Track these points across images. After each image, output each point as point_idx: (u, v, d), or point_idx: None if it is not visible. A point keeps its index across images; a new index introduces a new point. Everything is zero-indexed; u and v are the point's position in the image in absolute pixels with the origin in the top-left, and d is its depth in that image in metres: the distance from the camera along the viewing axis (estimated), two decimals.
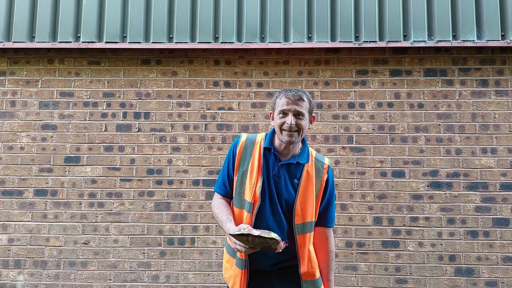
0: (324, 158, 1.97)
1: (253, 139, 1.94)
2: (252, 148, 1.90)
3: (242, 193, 1.86)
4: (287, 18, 3.62)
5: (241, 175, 1.88)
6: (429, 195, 3.52)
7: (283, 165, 1.86)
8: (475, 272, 3.43)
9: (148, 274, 3.53)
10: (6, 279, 3.54)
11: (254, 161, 1.87)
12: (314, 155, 1.94)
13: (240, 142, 1.93)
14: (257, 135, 1.96)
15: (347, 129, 3.62)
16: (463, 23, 3.54)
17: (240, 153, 1.90)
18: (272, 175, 1.85)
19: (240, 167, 1.89)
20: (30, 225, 3.59)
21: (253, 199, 1.82)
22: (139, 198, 3.61)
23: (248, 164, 1.88)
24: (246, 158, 1.89)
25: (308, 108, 1.85)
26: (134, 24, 3.63)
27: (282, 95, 1.85)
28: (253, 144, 1.91)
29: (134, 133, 3.68)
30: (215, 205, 1.94)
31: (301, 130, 1.82)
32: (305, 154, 1.90)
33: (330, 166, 1.95)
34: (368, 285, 3.45)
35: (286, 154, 1.88)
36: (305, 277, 1.84)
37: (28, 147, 3.67)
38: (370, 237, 3.50)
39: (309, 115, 1.87)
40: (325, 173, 1.91)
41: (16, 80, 3.76)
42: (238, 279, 1.84)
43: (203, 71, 3.75)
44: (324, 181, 1.90)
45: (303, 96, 1.84)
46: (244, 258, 1.82)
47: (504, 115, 3.58)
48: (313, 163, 1.90)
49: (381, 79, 3.68)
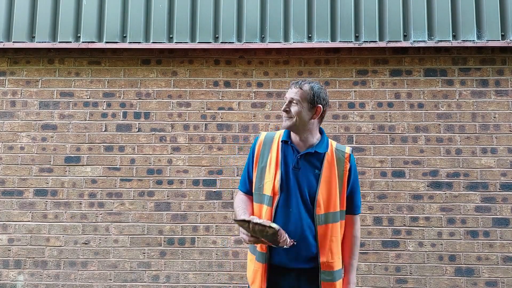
0: (345, 147, 1.98)
1: (272, 135, 2.00)
2: (271, 144, 1.95)
3: (262, 188, 1.89)
4: (287, 18, 3.62)
5: (260, 170, 1.93)
6: (429, 195, 3.52)
7: (302, 156, 1.88)
8: (475, 272, 3.43)
9: (148, 274, 3.54)
10: (6, 279, 3.54)
11: (272, 155, 1.91)
12: (334, 146, 1.96)
13: (259, 140, 1.99)
14: (277, 132, 2.02)
15: (347, 129, 3.62)
16: (463, 23, 3.55)
17: (259, 150, 1.96)
18: (291, 167, 1.87)
19: (259, 163, 1.94)
20: (30, 225, 3.59)
21: (273, 192, 1.85)
22: (139, 198, 3.61)
23: (266, 159, 1.92)
24: (264, 154, 1.94)
25: (307, 96, 1.87)
26: (134, 24, 3.63)
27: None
28: (272, 140, 1.97)
29: (134, 133, 3.69)
30: (236, 201, 1.99)
31: (296, 116, 1.85)
32: (324, 144, 1.92)
33: (351, 154, 1.96)
34: (368, 285, 3.45)
35: (304, 145, 1.91)
36: (324, 267, 1.82)
37: (28, 147, 3.67)
38: (370, 237, 3.50)
39: (310, 105, 1.88)
40: (347, 162, 1.92)
41: (16, 80, 3.76)
42: (259, 273, 1.85)
43: (203, 71, 3.75)
44: (347, 170, 1.91)
45: (304, 86, 1.87)
46: (264, 252, 1.84)
47: (504, 115, 3.58)
48: (333, 153, 1.92)
49: (381, 79, 3.68)
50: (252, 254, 1.94)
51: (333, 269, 1.83)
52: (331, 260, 1.83)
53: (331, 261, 1.83)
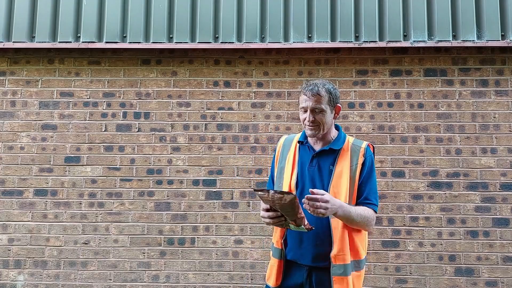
0: (362, 142, 1.99)
1: (292, 137, 2.08)
2: (289, 146, 2.04)
3: (281, 187, 1.96)
4: (287, 18, 3.62)
5: (279, 171, 2.01)
6: (429, 195, 3.52)
7: (316, 155, 1.94)
8: (475, 272, 3.43)
9: (148, 274, 3.54)
10: (6, 279, 3.54)
11: (290, 156, 2.00)
12: (351, 141, 1.98)
13: (279, 143, 2.10)
14: (296, 134, 2.09)
15: (347, 129, 3.62)
16: (463, 23, 3.54)
17: (279, 152, 2.06)
18: (307, 166, 1.93)
19: (279, 164, 2.03)
20: (30, 225, 3.59)
21: (289, 190, 1.91)
22: (139, 198, 3.61)
23: (285, 159, 2.01)
24: (284, 155, 2.03)
25: (328, 101, 1.89)
26: (134, 24, 3.63)
27: (302, 91, 1.93)
28: (291, 142, 2.05)
29: (134, 133, 3.69)
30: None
31: (322, 124, 1.89)
32: (340, 140, 1.95)
33: (368, 148, 1.95)
34: (368, 285, 3.45)
35: (320, 144, 1.97)
36: (335, 260, 1.82)
37: (28, 147, 3.67)
38: (370, 237, 3.50)
39: (331, 107, 1.91)
40: (361, 156, 1.92)
41: (16, 80, 3.76)
42: (275, 269, 1.91)
43: (203, 71, 3.75)
44: (361, 164, 1.91)
45: (321, 91, 1.87)
46: (280, 248, 1.91)
47: (504, 115, 3.58)
48: (349, 147, 1.94)
49: (381, 79, 3.68)
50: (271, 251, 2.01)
51: (345, 262, 1.82)
52: (341, 252, 1.82)
53: (343, 254, 1.82)
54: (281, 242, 1.92)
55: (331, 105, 1.91)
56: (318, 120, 1.88)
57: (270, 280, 1.93)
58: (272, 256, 1.96)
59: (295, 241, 1.89)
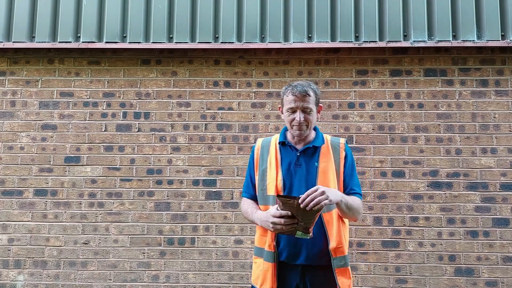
0: (339, 138, 2.07)
1: (269, 140, 2.08)
2: (268, 148, 2.03)
3: (265, 190, 1.95)
4: (287, 18, 3.62)
5: (261, 173, 1.99)
6: (429, 195, 3.52)
7: (301, 153, 1.96)
8: (475, 272, 3.43)
9: (148, 274, 3.53)
10: (6, 279, 3.54)
11: (272, 157, 1.99)
12: (329, 139, 2.05)
13: (256, 146, 2.08)
14: (272, 136, 2.10)
15: (347, 129, 3.62)
16: (463, 23, 3.54)
17: (258, 155, 2.04)
18: (292, 166, 1.95)
19: (259, 166, 2.01)
20: (30, 225, 3.59)
21: (276, 191, 1.91)
22: (139, 198, 3.61)
23: (266, 162, 2.00)
24: (264, 157, 2.02)
25: (315, 100, 1.96)
26: (134, 24, 3.63)
27: (289, 92, 1.95)
28: (269, 144, 2.05)
29: (134, 133, 3.68)
30: (244, 205, 2.05)
31: (310, 123, 1.94)
32: (320, 138, 2.01)
33: (346, 144, 2.04)
34: (368, 285, 3.45)
35: (302, 143, 2.00)
36: (335, 253, 1.86)
37: (28, 147, 3.67)
38: (370, 237, 3.50)
39: (316, 106, 1.98)
40: (342, 151, 2.00)
41: (16, 80, 3.76)
42: (269, 273, 1.87)
43: (203, 71, 3.75)
44: (343, 158, 1.98)
45: (309, 91, 1.93)
46: (273, 251, 1.88)
47: (504, 115, 3.58)
48: (329, 144, 2.01)
49: (381, 79, 3.68)
50: (258, 257, 1.96)
51: (344, 253, 1.87)
52: (340, 245, 1.86)
53: (341, 246, 1.86)
54: (273, 245, 1.89)
55: (316, 104, 1.98)
56: (307, 119, 1.92)
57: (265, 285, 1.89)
58: (264, 261, 1.91)
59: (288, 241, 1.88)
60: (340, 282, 1.84)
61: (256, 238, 2.01)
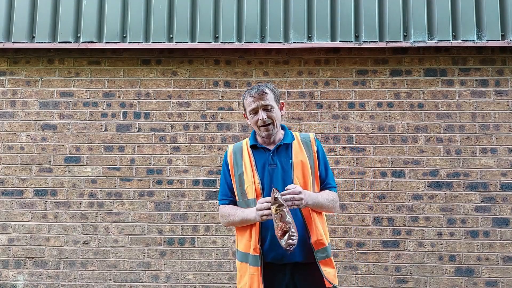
0: (309, 134, 2.12)
1: (239, 145, 2.10)
2: (241, 153, 2.05)
3: (245, 195, 1.96)
4: (287, 18, 3.62)
5: (238, 179, 2.00)
6: (429, 195, 3.52)
7: (274, 153, 1.99)
8: (475, 272, 3.43)
9: (148, 274, 3.53)
10: (6, 279, 3.54)
11: (246, 161, 2.00)
12: (299, 135, 2.10)
13: (228, 153, 2.09)
14: (242, 141, 2.12)
15: (347, 129, 3.62)
16: (463, 23, 3.54)
17: (231, 160, 2.05)
18: (267, 167, 1.97)
19: (235, 172, 2.02)
20: (30, 225, 3.59)
21: (255, 194, 1.92)
22: (139, 198, 3.61)
23: (241, 166, 2.00)
24: (237, 162, 2.03)
25: (274, 98, 2.00)
26: (134, 24, 3.63)
27: (246, 95, 2.01)
28: (240, 148, 2.07)
29: (134, 133, 3.68)
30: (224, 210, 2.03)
31: (274, 120, 1.97)
32: (289, 136, 2.06)
33: (316, 138, 2.09)
34: (368, 285, 3.45)
35: (272, 144, 2.03)
36: (317, 246, 1.89)
37: (28, 147, 3.67)
38: (370, 237, 3.50)
39: (277, 103, 2.02)
40: (313, 145, 2.05)
41: (16, 80, 3.76)
42: (256, 277, 1.85)
43: (203, 71, 3.75)
44: (315, 152, 2.03)
45: (265, 89, 1.98)
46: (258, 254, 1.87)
47: (504, 115, 3.58)
48: (299, 141, 2.06)
49: (381, 79, 3.68)
50: (243, 262, 1.94)
51: (325, 245, 1.91)
52: (320, 237, 1.90)
53: (321, 238, 1.90)
54: (258, 248, 1.87)
55: (277, 102, 2.01)
56: (270, 117, 1.95)
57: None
58: (250, 265, 1.88)
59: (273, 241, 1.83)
60: (326, 272, 1.87)
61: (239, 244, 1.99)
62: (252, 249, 1.88)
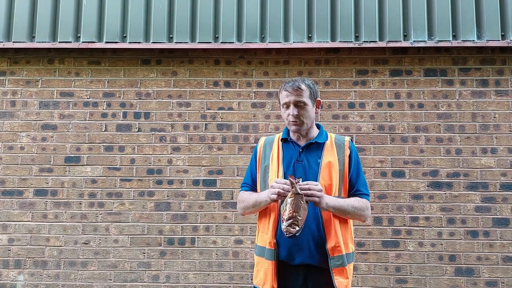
0: (344, 137, 2.06)
1: (272, 138, 2.07)
2: (271, 145, 2.02)
3: (267, 187, 1.91)
4: (287, 18, 3.62)
5: (263, 170, 1.98)
6: (429, 195, 3.52)
7: (303, 149, 1.95)
8: (475, 272, 3.43)
9: (148, 274, 3.53)
10: (6, 279, 3.54)
11: (274, 154, 1.98)
12: (333, 136, 2.04)
13: (260, 143, 2.08)
14: (276, 134, 2.09)
15: (347, 129, 3.62)
16: (463, 23, 3.54)
17: (260, 152, 2.03)
18: (293, 162, 1.93)
19: (261, 163, 2.00)
20: (30, 225, 3.59)
21: None
22: (139, 198, 3.61)
23: (268, 159, 1.98)
24: (266, 154, 2.01)
25: (309, 94, 1.94)
26: (134, 24, 3.63)
27: (282, 88, 1.97)
28: (272, 141, 2.04)
29: (134, 133, 3.69)
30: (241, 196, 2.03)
31: (305, 118, 1.92)
32: (323, 135, 2.00)
33: (351, 141, 2.03)
34: (368, 285, 3.45)
35: (304, 140, 1.99)
36: (332, 252, 1.83)
37: (28, 147, 3.67)
38: (370, 237, 3.50)
39: (313, 101, 1.96)
40: (347, 149, 1.98)
41: (16, 80, 3.76)
42: (269, 272, 1.84)
43: (203, 71, 3.75)
44: (347, 156, 1.96)
45: (301, 85, 1.93)
46: (273, 248, 1.85)
47: (504, 115, 3.58)
48: (333, 142, 2.00)
49: (381, 79, 3.68)
50: (260, 257, 1.94)
51: (341, 253, 1.84)
52: (337, 244, 1.83)
53: (338, 245, 1.83)
54: (274, 243, 1.86)
55: (312, 99, 1.95)
56: (301, 114, 1.91)
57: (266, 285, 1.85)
58: (266, 259, 1.87)
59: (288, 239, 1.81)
60: (337, 282, 1.81)
61: (258, 238, 1.99)
62: (268, 242, 1.87)
